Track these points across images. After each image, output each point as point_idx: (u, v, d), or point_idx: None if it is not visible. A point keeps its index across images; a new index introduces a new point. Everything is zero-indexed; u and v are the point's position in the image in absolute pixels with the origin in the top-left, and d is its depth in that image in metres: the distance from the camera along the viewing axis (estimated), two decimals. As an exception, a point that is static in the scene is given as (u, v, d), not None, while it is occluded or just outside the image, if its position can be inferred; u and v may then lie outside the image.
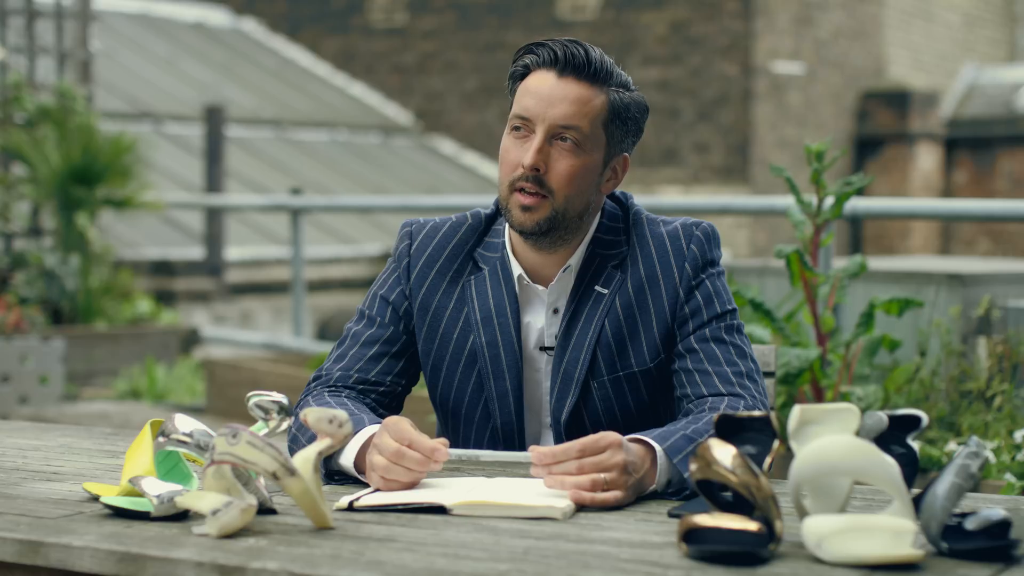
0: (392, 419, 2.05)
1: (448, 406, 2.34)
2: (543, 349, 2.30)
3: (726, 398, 2.18)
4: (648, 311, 2.27)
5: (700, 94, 13.18)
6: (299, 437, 2.18)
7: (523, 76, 2.25)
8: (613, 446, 1.95)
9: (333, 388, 2.29)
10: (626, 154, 2.30)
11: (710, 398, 2.19)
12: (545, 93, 2.20)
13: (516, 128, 2.23)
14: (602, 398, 2.26)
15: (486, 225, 2.37)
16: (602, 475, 1.92)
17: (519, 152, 2.22)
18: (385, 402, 2.31)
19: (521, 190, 2.21)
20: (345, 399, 2.25)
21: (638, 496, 1.99)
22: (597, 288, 2.28)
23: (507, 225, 2.33)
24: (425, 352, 2.33)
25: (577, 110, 2.20)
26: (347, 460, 2.09)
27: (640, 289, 2.27)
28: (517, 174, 2.21)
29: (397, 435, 2.00)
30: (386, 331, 2.33)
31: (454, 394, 2.32)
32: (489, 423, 2.31)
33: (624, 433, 2.12)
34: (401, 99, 14.74)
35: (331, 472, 2.12)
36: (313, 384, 2.31)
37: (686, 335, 2.26)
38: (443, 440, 2.00)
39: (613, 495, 1.92)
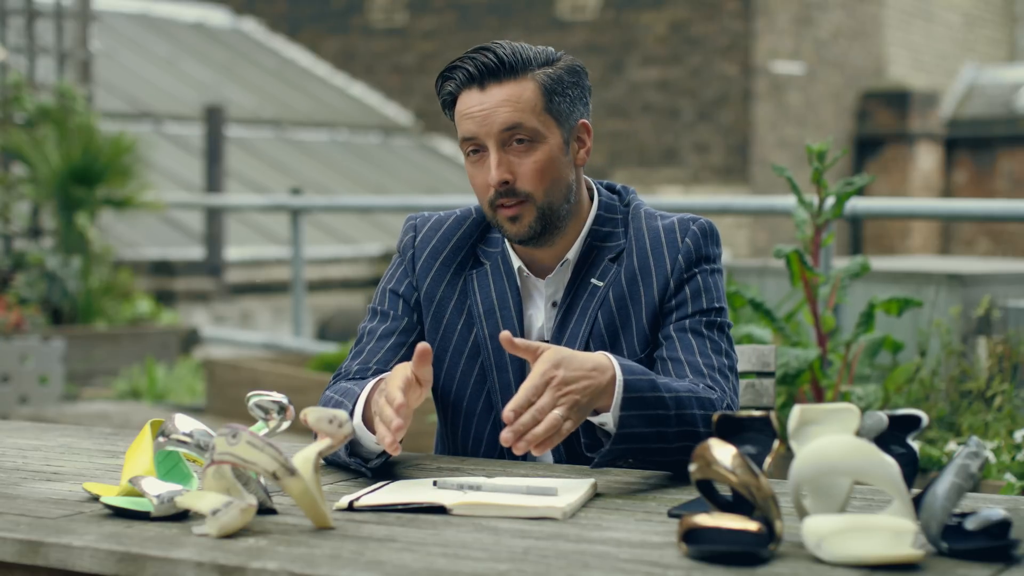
0: (390, 371, 2.06)
1: (449, 397, 2.35)
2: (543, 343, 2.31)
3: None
4: (640, 302, 2.28)
5: (700, 94, 13.18)
6: (343, 400, 2.19)
7: (453, 103, 2.28)
8: (551, 385, 1.98)
9: (352, 381, 2.30)
10: (583, 120, 2.31)
11: None
12: (476, 110, 2.23)
13: (471, 151, 2.26)
14: None
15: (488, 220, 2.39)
16: (556, 413, 1.96)
17: (483, 173, 2.25)
18: None
19: (501, 206, 2.23)
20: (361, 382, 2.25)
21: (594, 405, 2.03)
22: (593, 281, 2.30)
23: None
24: (429, 343, 2.34)
25: (512, 110, 2.22)
26: (356, 420, 2.12)
27: (633, 280, 2.29)
28: (491, 195, 2.25)
29: (388, 396, 2.02)
30: (401, 322, 2.35)
31: (456, 386, 2.33)
32: (491, 415, 2.32)
33: None
34: (401, 99, 14.74)
35: (355, 452, 2.13)
36: (333, 382, 2.32)
37: (667, 324, 2.28)
38: (398, 426, 1.98)
39: (569, 426, 1.99)
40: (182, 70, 13.85)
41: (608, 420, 2.06)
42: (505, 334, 1.99)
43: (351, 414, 2.14)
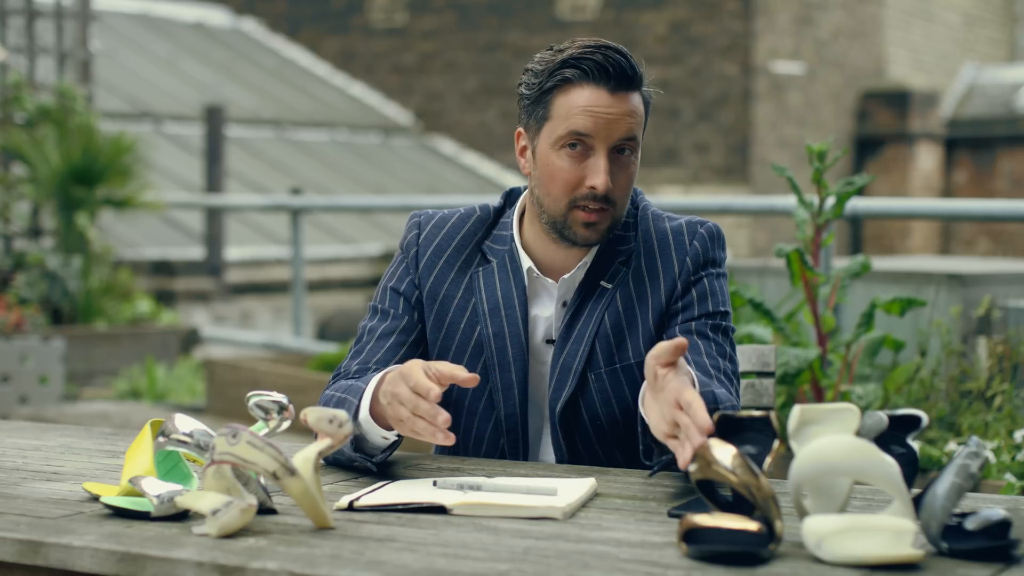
0: (407, 365, 2.02)
1: (451, 396, 2.34)
2: (549, 342, 2.30)
3: None
4: (646, 303, 2.29)
5: (700, 94, 13.18)
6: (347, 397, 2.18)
7: (554, 88, 2.22)
8: (693, 399, 1.84)
9: (351, 380, 2.29)
10: None
11: None
12: (603, 111, 2.19)
13: (571, 144, 2.21)
14: (599, 390, 2.27)
15: (495, 218, 2.38)
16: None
17: (578, 171, 2.21)
18: None
19: (585, 208, 2.22)
20: (359, 382, 2.24)
21: None
22: (602, 283, 2.29)
23: (515, 217, 2.34)
24: (432, 341, 2.34)
25: (634, 123, 2.22)
26: (364, 414, 2.10)
27: (640, 282, 2.29)
28: (582, 193, 2.21)
29: (415, 386, 1.98)
30: (401, 321, 2.34)
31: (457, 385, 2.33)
32: (492, 414, 2.31)
33: (621, 424, 2.19)
34: (401, 99, 14.74)
35: (357, 442, 2.12)
36: (332, 381, 2.31)
37: (673, 325, 2.28)
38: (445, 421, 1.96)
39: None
40: (182, 70, 13.85)
41: None
42: (681, 341, 1.90)
43: (357, 409, 2.13)
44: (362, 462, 2.14)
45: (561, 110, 2.21)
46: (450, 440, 1.96)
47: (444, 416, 1.96)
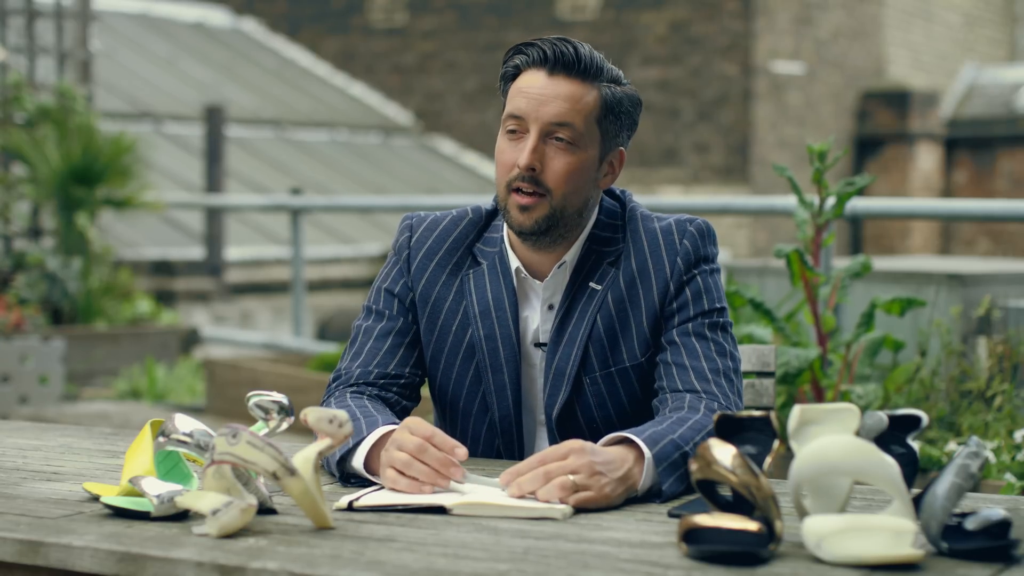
0: (412, 419, 2.03)
1: (446, 398, 2.35)
2: (538, 345, 2.30)
3: (702, 396, 2.18)
4: (639, 305, 2.27)
5: (700, 94, 13.18)
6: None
7: (514, 76, 2.26)
8: (575, 451, 1.93)
9: (355, 388, 2.28)
10: (622, 148, 2.30)
11: (686, 394, 2.19)
12: (536, 92, 2.21)
13: (510, 129, 2.23)
14: (594, 394, 2.27)
15: (486, 220, 2.38)
16: (570, 477, 1.90)
17: (514, 152, 2.23)
18: (406, 394, 2.31)
19: (518, 190, 2.22)
20: (366, 401, 2.24)
21: (628, 495, 1.97)
22: (591, 285, 2.29)
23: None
24: (425, 343, 2.34)
25: (569, 107, 2.20)
26: (358, 461, 2.08)
27: (631, 284, 2.28)
28: (513, 174, 2.22)
29: (419, 431, 1.98)
30: (396, 323, 2.34)
31: (452, 386, 2.33)
32: (487, 416, 2.31)
33: (618, 427, 2.13)
34: (401, 99, 14.74)
35: (346, 475, 2.11)
36: (334, 385, 2.30)
37: (670, 328, 2.27)
38: (463, 449, 1.98)
39: (586, 495, 1.90)
40: (182, 70, 13.85)
41: (642, 490, 2.01)
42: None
43: (353, 449, 2.09)
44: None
45: (508, 96, 2.26)
46: (457, 474, 1.95)
47: (462, 449, 1.96)
